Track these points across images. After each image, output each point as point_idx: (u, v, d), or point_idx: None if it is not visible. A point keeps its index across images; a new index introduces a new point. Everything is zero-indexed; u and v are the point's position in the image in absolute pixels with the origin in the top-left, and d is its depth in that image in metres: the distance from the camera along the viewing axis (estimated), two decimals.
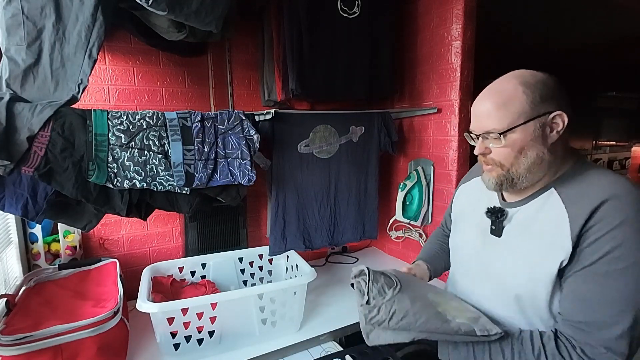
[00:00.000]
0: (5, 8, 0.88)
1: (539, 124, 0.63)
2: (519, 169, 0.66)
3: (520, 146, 0.64)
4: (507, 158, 0.66)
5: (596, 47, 1.91)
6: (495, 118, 0.65)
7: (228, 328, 1.02)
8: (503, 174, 0.68)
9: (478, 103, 0.69)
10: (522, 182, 0.68)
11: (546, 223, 0.66)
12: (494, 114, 0.65)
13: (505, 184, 0.69)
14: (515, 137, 0.64)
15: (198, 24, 1.00)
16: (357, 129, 1.50)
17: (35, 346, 0.80)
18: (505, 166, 0.67)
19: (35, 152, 0.89)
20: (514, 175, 0.67)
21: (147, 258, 1.42)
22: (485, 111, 0.66)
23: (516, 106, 0.63)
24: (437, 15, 1.42)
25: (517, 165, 0.66)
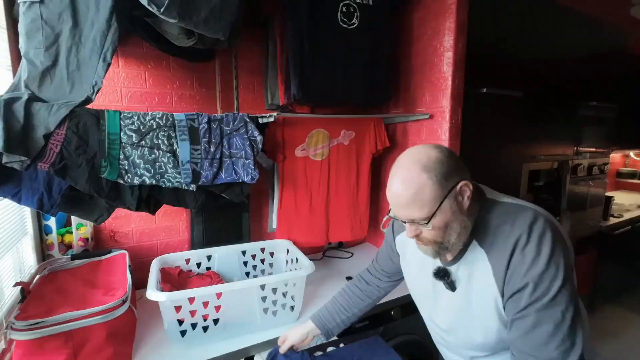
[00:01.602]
0: (25, 13, 0.88)
1: (452, 199, 0.66)
2: (451, 240, 0.69)
3: (445, 223, 0.67)
4: (437, 236, 0.68)
5: (578, 59, 1.92)
6: (415, 209, 0.66)
7: (232, 316, 1.02)
8: (437, 247, 0.70)
9: (393, 195, 0.68)
10: (455, 247, 0.71)
11: (480, 278, 0.70)
12: (412, 205, 0.66)
13: (442, 252, 0.72)
14: (438, 219, 0.66)
15: (207, 31, 1.00)
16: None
17: (48, 331, 0.80)
18: (437, 242, 0.69)
19: (51, 149, 0.89)
20: (447, 245, 0.69)
21: (155, 250, 1.42)
22: (404, 203, 0.67)
23: (427, 194, 0.64)
24: (430, 27, 1.42)
25: (448, 237, 0.68)
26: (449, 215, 0.66)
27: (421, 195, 0.64)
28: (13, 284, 0.94)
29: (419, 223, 0.67)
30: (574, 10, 1.77)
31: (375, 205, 1.85)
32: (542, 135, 1.84)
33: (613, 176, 3.36)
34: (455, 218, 0.67)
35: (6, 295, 0.94)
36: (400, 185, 0.66)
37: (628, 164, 3.44)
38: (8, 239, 0.97)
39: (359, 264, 1.63)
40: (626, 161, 3.45)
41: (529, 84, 1.67)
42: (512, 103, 1.60)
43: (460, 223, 0.67)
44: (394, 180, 0.68)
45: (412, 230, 0.70)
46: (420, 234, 0.70)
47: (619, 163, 3.43)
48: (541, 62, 1.72)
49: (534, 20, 1.64)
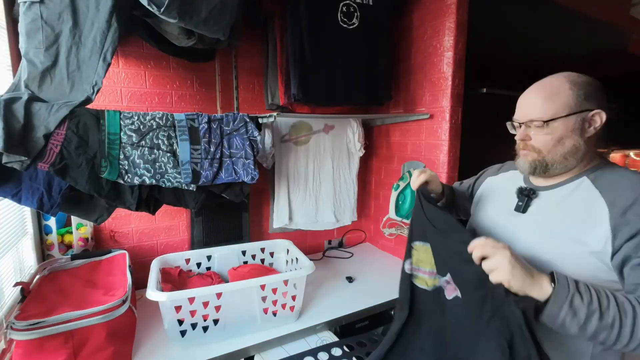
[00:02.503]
0: (25, 13, 0.88)
1: (580, 119, 0.65)
2: (555, 156, 0.67)
3: (560, 135, 0.66)
4: (546, 145, 0.68)
5: (579, 60, 1.92)
6: (542, 108, 0.67)
7: (232, 317, 1.02)
8: (539, 159, 0.69)
9: (526, 95, 0.70)
10: (555, 169, 0.69)
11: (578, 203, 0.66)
12: (541, 104, 0.67)
13: (539, 168, 0.70)
14: (557, 127, 0.66)
15: (206, 31, 1.00)
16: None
17: (48, 331, 0.80)
18: (542, 152, 0.69)
19: (51, 149, 0.89)
20: (549, 160, 0.68)
21: (155, 250, 1.42)
22: (533, 102, 0.68)
23: (562, 100, 0.65)
24: (430, 27, 1.42)
25: (554, 152, 0.67)
26: (568, 130, 0.65)
27: (555, 97, 0.66)
28: (13, 284, 0.94)
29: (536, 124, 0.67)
30: (574, 10, 1.77)
31: (376, 205, 1.85)
32: None
33: None
34: (572, 137, 0.66)
35: (6, 295, 0.94)
36: (540, 86, 0.69)
37: (628, 164, 3.43)
38: (8, 239, 0.97)
39: (359, 264, 1.63)
40: (626, 161, 3.44)
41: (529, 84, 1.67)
42: (512, 103, 1.60)
43: (574, 144, 0.66)
44: (535, 84, 0.69)
45: (523, 132, 0.70)
46: (529, 139, 0.70)
47: (619, 163, 3.43)
48: (541, 62, 1.71)
49: (534, 20, 1.64)
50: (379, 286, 1.38)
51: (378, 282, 1.42)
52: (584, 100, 0.65)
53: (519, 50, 1.63)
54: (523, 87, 1.25)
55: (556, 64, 1.79)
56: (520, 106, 0.71)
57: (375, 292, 1.32)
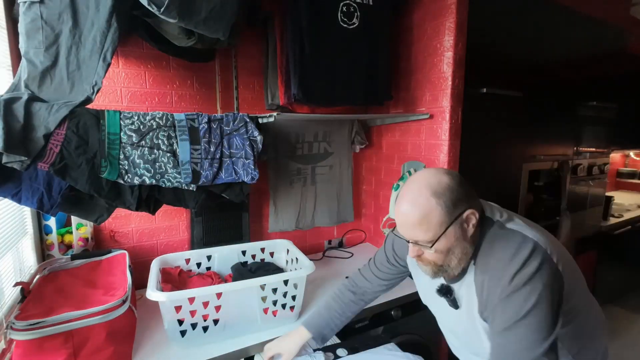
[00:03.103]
0: (25, 13, 0.88)
1: (457, 226, 0.68)
2: (451, 264, 0.71)
3: (447, 248, 0.69)
4: (438, 259, 0.71)
5: (578, 59, 1.92)
6: (420, 232, 0.68)
7: (232, 317, 1.02)
8: (437, 268, 0.73)
9: (401, 215, 0.70)
10: (454, 271, 0.73)
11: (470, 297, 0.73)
12: (418, 228, 0.68)
13: (440, 273, 0.74)
14: (442, 244, 0.68)
15: (206, 31, 1.00)
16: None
17: (48, 331, 0.80)
18: (437, 264, 0.72)
19: (51, 149, 0.89)
20: (447, 268, 0.72)
21: (155, 250, 1.42)
22: (410, 224, 0.69)
23: (435, 218, 0.66)
24: (430, 27, 1.42)
25: (448, 262, 0.71)
26: (452, 241, 0.68)
27: (428, 219, 0.66)
28: (13, 284, 0.94)
29: (422, 245, 0.70)
30: (574, 10, 1.77)
31: (376, 205, 1.85)
32: (542, 135, 1.83)
33: (613, 176, 3.36)
34: (458, 244, 0.69)
35: (6, 295, 0.94)
36: (409, 207, 0.68)
37: (628, 164, 3.44)
38: (8, 239, 0.97)
39: (359, 264, 1.61)
40: (626, 161, 3.45)
41: (529, 84, 1.67)
42: (512, 103, 1.60)
43: (462, 249, 0.69)
44: (404, 201, 0.69)
45: (414, 250, 0.72)
46: (422, 254, 0.72)
47: (619, 163, 3.43)
48: (541, 62, 1.71)
49: (534, 20, 1.64)
50: None
51: None
52: (454, 208, 0.67)
53: (519, 50, 1.63)
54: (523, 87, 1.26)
55: (556, 63, 1.80)
56: (401, 226, 0.72)
57: None
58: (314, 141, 1.68)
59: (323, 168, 1.72)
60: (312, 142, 1.68)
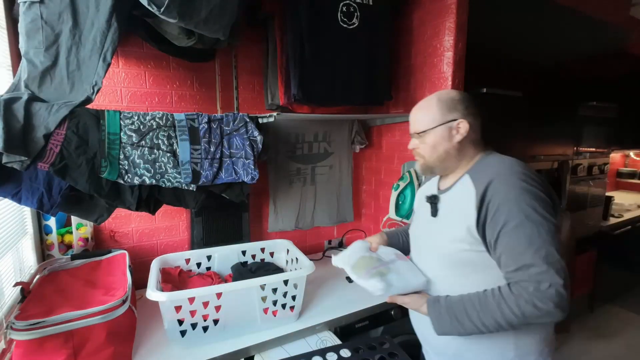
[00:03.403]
0: (25, 13, 0.88)
1: (446, 128, 0.80)
2: (433, 160, 0.83)
3: (432, 143, 0.82)
4: (425, 152, 0.84)
5: (578, 59, 1.92)
6: (418, 122, 0.84)
7: (232, 317, 1.02)
8: (424, 163, 0.86)
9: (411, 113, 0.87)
10: (438, 170, 0.86)
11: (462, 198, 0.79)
12: (417, 119, 0.85)
13: (427, 170, 0.87)
14: (429, 137, 0.82)
15: (206, 31, 1.00)
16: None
17: (48, 331, 0.80)
18: (424, 158, 0.85)
19: (51, 149, 0.89)
20: (430, 164, 0.84)
21: (155, 250, 1.42)
22: (413, 118, 0.86)
23: (430, 115, 0.82)
24: (430, 27, 1.42)
25: (431, 157, 0.83)
26: (438, 139, 0.81)
27: (425, 113, 0.83)
28: (13, 284, 0.94)
29: (416, 136, 0.85)
30: (574, 10, 1.77)
31: (376, 205, 1.85)
32: (542, 135, 1.83)
33: (613, 176, 3.36)
34: (442, 143, 0.81)
35: (6, 295, 0.94)
36: (418, 105, 0.86)
37: (628, 164, 3.43)
38: (8, 239, 0.97)
39: None
40: (626, 161, 3.44)
41: (529, 84, 1.67)
42: (512, 103, 1.60)
43: (445, 149, 0.81)
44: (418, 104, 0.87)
45: (412, 143, 0.87)
46: (417, 148, 0.86)
47: (619, 163, 3.43)
48: (541, 62, 1.71)
49: (534, 20, 1.64)
50: None
51: None
52: (448, 112, 0.80)
53: (519, 50, 1.63)
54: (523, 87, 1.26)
55: (556, 64, 1.80)
56: (410, 117, 0.87)
57: None
58: (314, 141, 1.69)
59: (323, 168, 1.73)
60: (312, 142, 1.68)
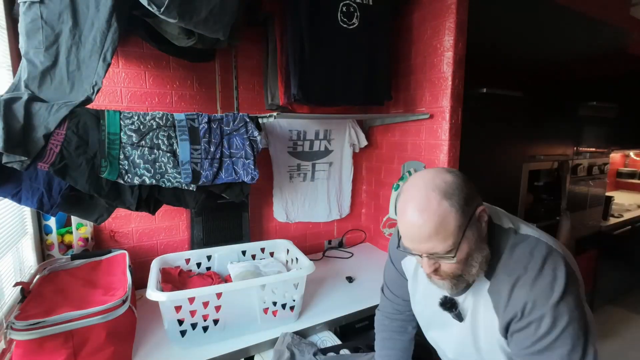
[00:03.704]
0: (25, 13, 0.88)
1: (474, 227, 0.61)
2: (472, 272, 0.63)
3: (467, 254, 0.61)
4: (458, 269, 0.63)
5: (578, 59, 1.92)
6: (437, 241, 0.59)
7: (232, 317, 1.02)
8: (456, 280, 0.65)
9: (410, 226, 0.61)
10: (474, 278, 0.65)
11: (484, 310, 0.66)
12: (435, 238, 0.59)
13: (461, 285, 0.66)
14: (463, 250, 0.60)
15: (206, 31, 1.00)
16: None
17: (48, 331, 0.80)
18: (457, 275, 0.64)
19: (51, 149, 0.89)
20: (467, 277, 0.64)
21: (155, 250, 1.42)
22: (425, 236, 0.59)
23: (452, 223, 0.58)
24: (430, 27, 1.42)
25: (469, 269, 0.63)
26: (472, 245, 0.61)
27: (445, 226, 0.58)
28: (13, 284, 0.94)
29: (441, 257, 0.61)
30: (574, 10, 1.77)
31: (376, 205, 1.85)
32: (542, 135, 1.83)
33: (613, 176, 3.36)
34: (477, 247, 0.62)
35: (6, 295, 0.94)
36: (419, 216, 0.59)
37: (628, 164, 3.44)
38: (8, 239, 0.97)
39: (359, 264, 1.63)
40: (626, 161, 3.44)
41: (529, 84, 1.67)
42: (512, 103, 1.60)
43: (481, 252, 0.62)
44: (410, 210, 0.60)
45: (430, 264, 0.63)
46: (438, 268, 0.63)
47: (619, 163, 3.43)
48: (541, 62, 1.71)
49: (534, 20, 1.64)
50: (379, 286, 1.38)
51: (378, 282, 1.41)
52: (467, 207, 0.60)
53: (519, 50, 1.63)
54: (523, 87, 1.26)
55: (556, 63, 1.80)
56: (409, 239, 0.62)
57: (375, 292, 1.31)
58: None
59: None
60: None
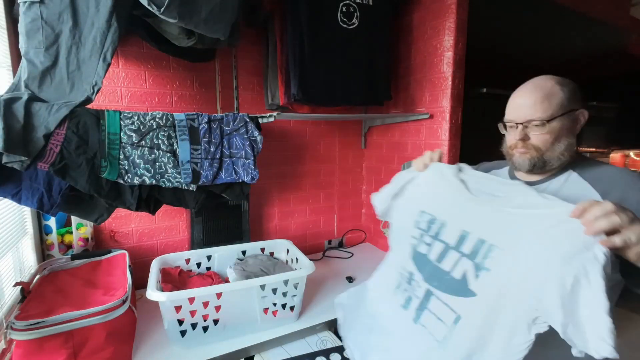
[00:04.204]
0: (25, 13, 0.88)
1: (572, 118, 0.71)
2: (554, 154, 0.72)
3: (558, 134, 0.71)
4: (545, 143, 0.72)
5: (578, 59, 1.92)
6: (540, 109, 0.70)
7: (232, 317, 1.02)
8: (538, 156, 0.73)
9: (521, 96, 0.74)
10: (552, 165, 0.74)
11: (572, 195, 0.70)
12: (539, 105, 0.70)
13: (538, 165, 0.74)
14: (555, 126, 0.70)
15: (206, 31, 1.00)
16: None
17: (48, 331, 0.80)
18: (541, 150, 0.73)
19: (51, 149, 0.89)
20: (547, 158, 0.73)
21: (155, 250, 1.42)
22: (530, 103, 0.72)
23: (557, 100, 0.70)
24: (430, 27, 1.42)
25: (552, 150, 0.72)
26: (564, 129, 0.71)
27: (551, 100, 0.70)
28: (13, 284, 0.94)
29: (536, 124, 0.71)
30: (574, 10, 1.77)
31: None
32: None
33: None
34: (567, 135, 0.71)
35: (6, 295, 0.94)
36: (532, 88, 0.72)
37: (628, 164, 3.43)
38: (8, 239, 0.97)
39: (359, 264, 1.63)
40: (626, 161, 3.44)
41: None
42: None
43: (569, 142, 0.71)
44: (525, 86, 0.74)
45: (522, 132, 0.73)
46: (527, 139, 0.73)
47: (619, 163, 3.42)
48: (541, 62, 1.71)
49: (534, 20, 1.64)
50: None
51: None
52: (573, 100, 0.71)
53: (519, 50, 1.63)
54: None
55: (556, 63, 1.80)
56: (515, 107, 0.75)
57: None
58: None
59: None
60: None
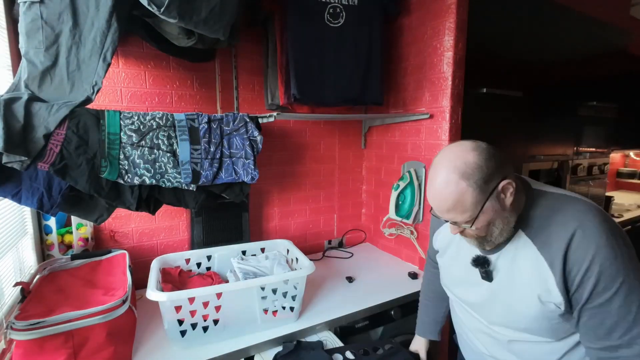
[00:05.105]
0: (25, 13, 0.88)
1: (494, 200, 0.66)
2: (494, 235, 0.70)
3: (488, 222, 0.68)
4: (481, 232, 0.70)
5: (578, 59, 1.92)
6: (456, 213, 0.67)
7: (232, 317, 1.02)
8: (480, 239, 0.73)
9: (432, 201, 0.70)
10: (499, 240, 0.72)
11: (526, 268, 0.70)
12: (453, 213, 0.67)
13: (487, 245, 0.74)
14: (481, 220, 0.67)
15: (206, 31, 1.00)
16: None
17: (48, 331, 0.80)
18: (481, 237, 0.72)
19: (51, 149, 0.89)
20: (490, 239, 0.72)
21: (155, 250, 1.42)
22: (445, 210, 0.68)
23: (469, 199, 0.65)
24: (430, 27, 1.42)
25: (491, 233, 0.70)
26: (491, 215, 0.67)
27: (462, 202, 0.65)
28: (13, 284, 0.94)
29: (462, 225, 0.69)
30: (574, 10, 1.77)
31: (376, 205, 1.85)
32: (542, 135, 1.83)
33: (613, 176, 3.36)
34: (498, 216, 0.67)
35: (6, 295, 0.94)
36: (439, 194, 0.67)
37: (628, 164, 3.44)
38: (8, 239, 0.97)
39: (359, 264, 1.63)
40: (626, 161, 3.45)
41: (529, 84, 1.67)
42: (512, 103, 1.60)
43: (503, 220, 0.68)
44: (432, 188, 0.68)
45: (455, 228, 0.72)
46: (463, 231, 0.72)
47: (619, 163, 3.43)
48: (541, 62, 1.71)
49: (534, 20, 1.64)
50: (379, 286, 1.38)
51: (378, 282, 1.42)
52: (486, 185, 0.64)
53: (519, 50, 1.63)
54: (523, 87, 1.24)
55: (556, 63, 1.80)
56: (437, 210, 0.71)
57: (375, 292, 1.32)
58: None
59: None
60: None
